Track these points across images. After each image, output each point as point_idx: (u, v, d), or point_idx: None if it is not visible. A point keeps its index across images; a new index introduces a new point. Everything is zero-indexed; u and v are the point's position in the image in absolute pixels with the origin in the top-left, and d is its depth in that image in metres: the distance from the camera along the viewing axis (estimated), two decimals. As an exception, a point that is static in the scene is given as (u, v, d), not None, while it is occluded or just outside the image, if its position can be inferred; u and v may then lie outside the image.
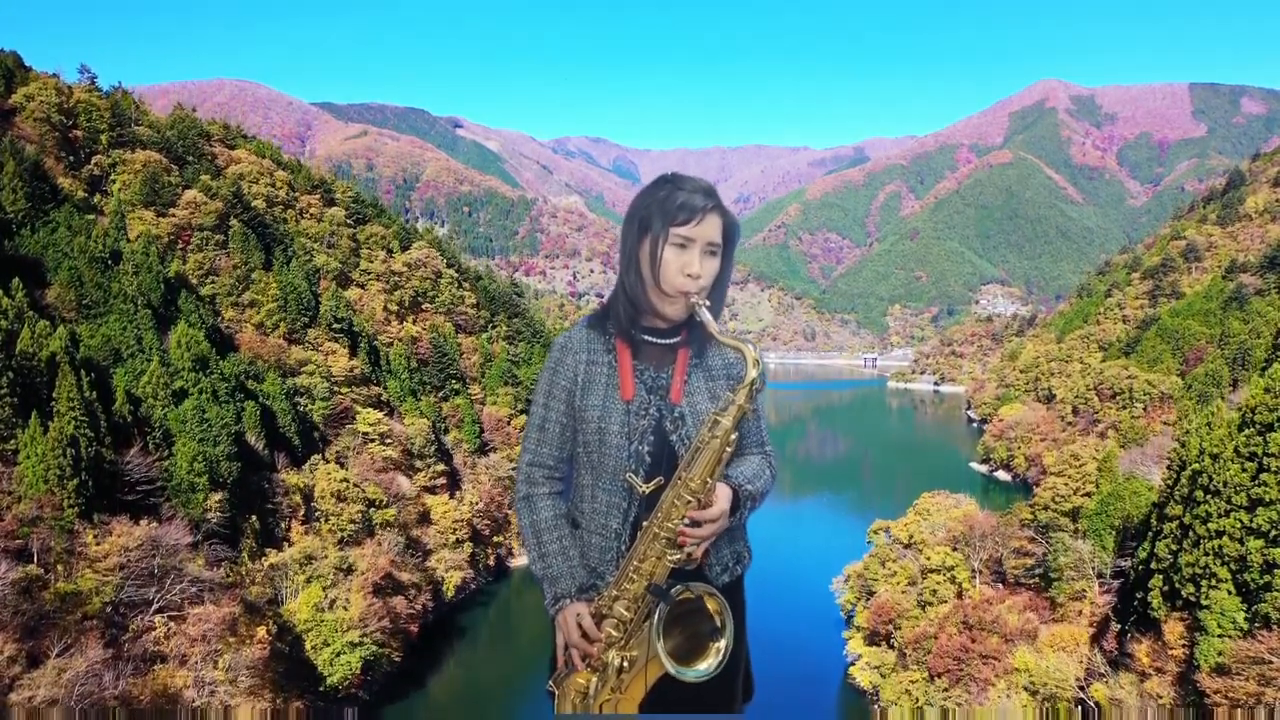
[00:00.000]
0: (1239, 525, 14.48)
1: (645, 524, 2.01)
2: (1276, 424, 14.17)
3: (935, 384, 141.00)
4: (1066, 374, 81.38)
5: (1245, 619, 14.35)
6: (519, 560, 46.00)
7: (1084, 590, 24.78)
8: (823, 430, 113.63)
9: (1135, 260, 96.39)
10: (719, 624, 1.99)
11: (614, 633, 2.02)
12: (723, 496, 1.99)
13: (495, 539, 44.11)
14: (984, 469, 73.15)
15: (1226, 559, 14.70)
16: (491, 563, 43.09)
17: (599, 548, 2.15)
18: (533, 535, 2.18)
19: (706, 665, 1.97)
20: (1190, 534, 15.46)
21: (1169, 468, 19.88)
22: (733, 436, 1.95)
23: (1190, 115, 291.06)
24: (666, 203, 2.01)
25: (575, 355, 2.18)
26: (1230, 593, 14.48)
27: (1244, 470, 14.52)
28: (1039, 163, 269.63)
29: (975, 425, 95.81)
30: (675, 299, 2.04)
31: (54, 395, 24.29)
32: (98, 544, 23.27)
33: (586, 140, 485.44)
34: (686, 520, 1.94)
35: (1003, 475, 70.32)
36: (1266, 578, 14.13)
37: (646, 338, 2.14)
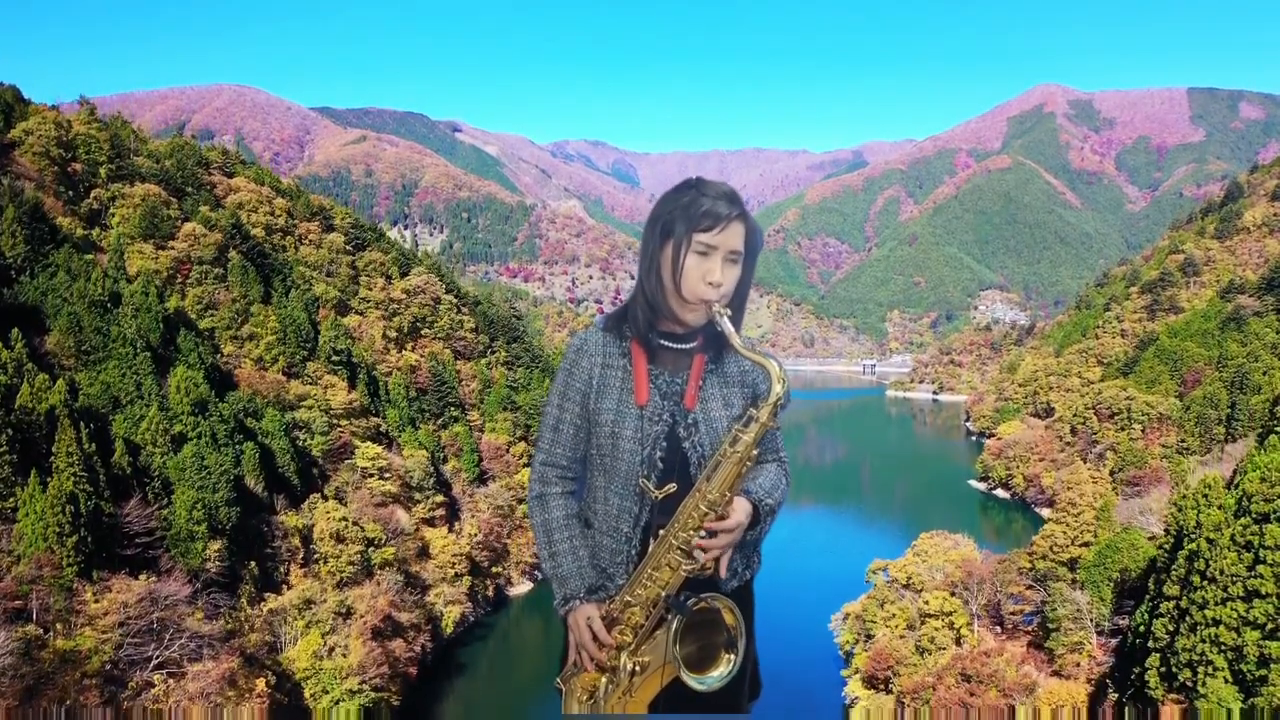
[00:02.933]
0: (1235, 616, 14.56)
1: (661, 533, 2.03)
2: (1272, 515, 14.24)
3: (934, 393, 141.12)
4: (1065, 388, 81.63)
5: (1242, 711, 14.39)
6: (518, 589, 46.05)
7: (1082, 642, 24.82)
8: (822, 440, 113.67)
9: (1134, 273, 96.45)
10: (732, 637, 2.02)
11: (623, 638, 2.04)
12: (740, 509, 2.00)
13: (494, 569, 44.11)
14: (982, 486, 73.22)
15: (1223, 647, 14.75)
16: (491, 593, 43.09)
17: (610, 550, 2.17)
18: (544, 534, 2.20)
19: (718, 674, 2.01)
20: (1187, 618, 15.55)
21: (1166, 531, 19.95)
22: (754, 452, 1.97)
23: (1188, 120, 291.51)
24: (690, 209, 2.01)
25: (590, 358, 2.18)
26: (1227, 681, 14.55)
27: (1240, 560, 14.60)
28: (1037, 168, 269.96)
29: (974, 439, 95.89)
30: (695, 306, 2.03)
31: (53, 450, 24.31)
32: (96, 601, 23.30)
33: (585, 144, 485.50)
34: (703, 531, 1.96)
35: (1001, 493, 70.38)
36: (1262, 671, 14.18)
37: (663, 342, 2.14)
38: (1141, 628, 17.34)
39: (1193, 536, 16.92)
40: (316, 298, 46.10)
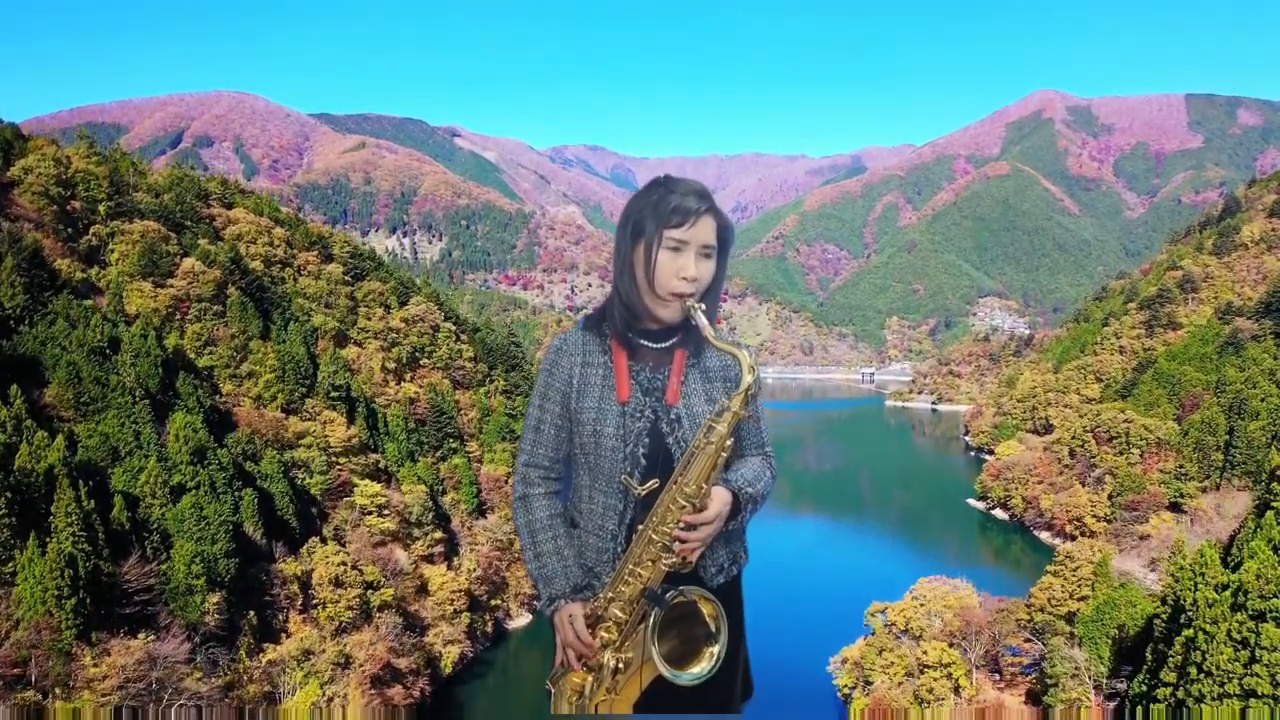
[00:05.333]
0: (1232, 714, 14.59)
1: (640, 528, 2.03)
2: (1269, 614, 14.31)
3: (933, 404, 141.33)
4: (1064, 405, 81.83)
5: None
6: (517, 621, 45.99)
7: (1080, 700, 24.85)
8: (821, 453, 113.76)
9: (1132, 287, 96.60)
10: (713, 629, 2.02)
11: (608, 635, 2.04)
12: (719, 500, 2.00)
13: (493, 602, 44.06)
14: (981, 506, 73.26)
15: (1220, 742, 14.90)
16: (490, 629, 43.03)
17: (596, 548, 2.17)
18: (528, 535, 2.21)
19: (700, 669, 2.00)
20: (1184, 709, 15.61)
21: (1164, 601, 20.02)
22: (728, 442, 1.97)
23: (1186, 126, 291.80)
24: (660, 206, 2.03)
25: (570, 358, 2.19)
26: (1224, 776, 14.69)
27: (1236, 656, 14.66)
28: (1036, 174, 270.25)
29: (973, 454, 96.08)
30: (669, 302, 2.05)
31: (52, 510, 24.32)
32: (95, 665, 23.31)
33: (584, 149, 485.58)
34: (681, 524, 1.96)
35: (1000, 514, 70.40)
36: (1259, 771, 14.31)
37: (642, 340, 2.16)
38: (1139, 706, 17.45)
39: (1189, 618, 17.01)
40: (315, 329, 46.13)
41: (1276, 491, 17.89)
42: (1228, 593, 15.16)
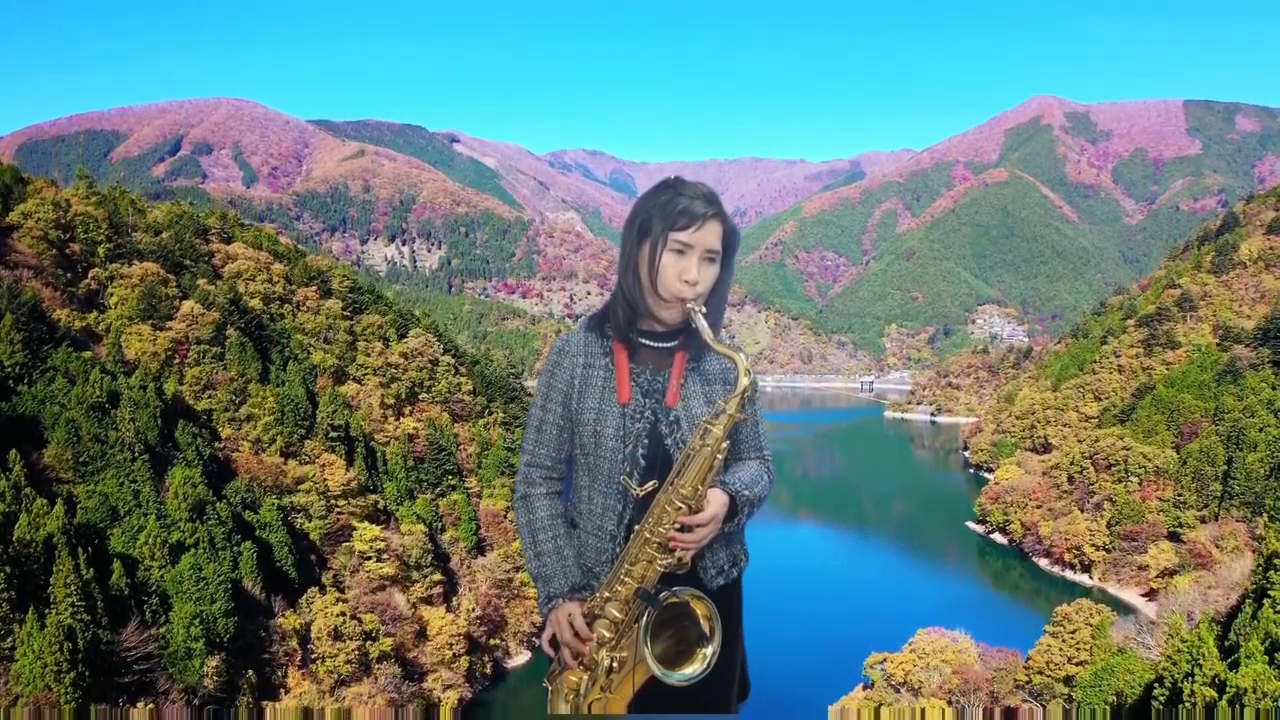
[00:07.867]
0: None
1: (637, 528, 2.05)
2: (1261, 716, 14.39)
3: (932, 415, 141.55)
4: (1063, 423, 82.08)
5: None
6: (516, 660, 46.02)
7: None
8: (821, 468, 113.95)
9: (1131, 304, 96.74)
10: (706, 630, 2.03)
11: (605, 633, 2.06)
12: (715, 502, 2.02)
13: (492, 641, 44.08)
14: (981, 529, 73.40)
15: None
16: (489, 669, 43.05)
17: (595, 549, 2.19)
18: (529, 534, 2.23)
19: (692, 670, 2.01)
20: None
21: (1159, 681, 20.10)
22: (724, 445, 1.98)
23: (1184, 132, 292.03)
24: (667, 207, 2.04)
25: (573, 358, 2.20)
26: None
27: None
28: (1034, 181, 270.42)
29: (973, 471, 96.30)
30: (672, 304, 2.06)
31: (51, 580, 24.34)
32: (95, 739, 23.34)
33: (584, 153, 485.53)
34: (677, 525, 1.98)
35: (999, 538, 70.51)
36: None
37: (644, 341, 2.17)
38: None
39: (1188, 711, 17.08)
40: (314, 367, 46.17)
41: (1274, 580, 17.96)
42: (1224, 700, 15.24)
